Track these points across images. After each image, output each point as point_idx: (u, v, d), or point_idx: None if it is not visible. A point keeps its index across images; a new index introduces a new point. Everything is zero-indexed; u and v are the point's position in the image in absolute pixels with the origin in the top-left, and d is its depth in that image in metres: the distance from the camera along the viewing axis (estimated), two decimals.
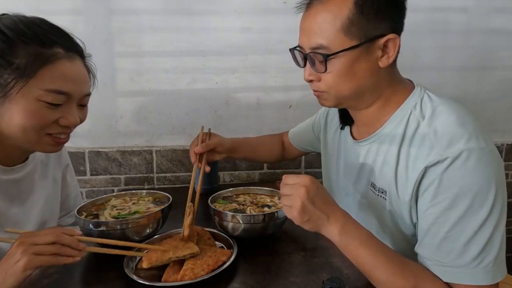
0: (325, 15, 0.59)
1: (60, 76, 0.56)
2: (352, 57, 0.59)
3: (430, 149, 0.57)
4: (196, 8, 1.19)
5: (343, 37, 0.58)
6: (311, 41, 0.61)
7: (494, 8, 1.34)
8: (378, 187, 0.67)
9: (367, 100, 0.66)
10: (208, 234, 0.72)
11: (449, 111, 0.59)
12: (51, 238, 0.53)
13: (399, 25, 0.62)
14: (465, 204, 0.54)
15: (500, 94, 1.41)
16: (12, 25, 0.55)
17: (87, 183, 1.22)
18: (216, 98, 1.27)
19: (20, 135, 0.57)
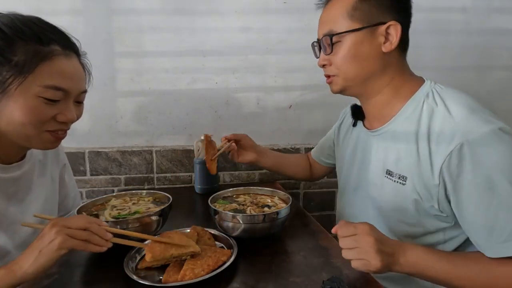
0: (335, 5, 0.68)
1: (58, 72, 0.57)
2: (356, 39, 0.66)
3: (452, 133, 0.59)
4: (196, 8, 1.20)
5: (348, 21, 0.66)
6: (323, 28, 0.70)
7: (493, 8, 1.34)
8: (396, 173, 0.68)
9: (374, 85, 0.70)
10: (208, 234, 0.72)
11: (464, 100, 0.63)
12: (83, 223, 0.55)
13: (403, 17, 0.67)
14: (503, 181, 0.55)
15: (500, 94, 1.41)
16: (10, 23, 0.56)
17: (87, 183, 1.23)
18: (216, 98, 1.27)
19: (19, 131, 0.57)
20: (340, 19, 0.67)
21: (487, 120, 0.58)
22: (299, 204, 1.33)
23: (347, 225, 0.59)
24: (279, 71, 1.27)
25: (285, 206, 0.76)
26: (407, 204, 0.67)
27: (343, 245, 0.58)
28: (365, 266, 0.56)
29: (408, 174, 0.66)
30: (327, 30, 0.69)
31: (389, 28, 0.65)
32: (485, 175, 0.56)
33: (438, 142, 0.61)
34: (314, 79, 1.29)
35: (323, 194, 1.39)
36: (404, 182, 0.67)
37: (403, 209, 0.68)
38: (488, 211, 0.56)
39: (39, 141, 0.60)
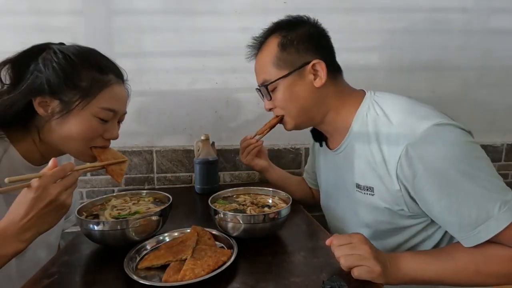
0: (262, 58, 0.78)
1: (113, 97, 0.69)
2: (288, 83, 0.74)
3: (396, 138, 0.63)
4: (196, 8, 1.20)
5: (276, 70, 0.74)
6: (259, 78, 0.79)
7: (494, 8, 1.34)
8: (363, 186, 0.72)
9: (319, 114, 0.77)
10: (208, 234, 0.72)
11: (399, 104, 0.68)
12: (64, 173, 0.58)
13: (323, 51, 0.75)
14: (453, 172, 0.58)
15: (500, 94, 1.41)
16: (77, 53, 0.65)
17: (87, 183, 1.23)
18: (216, 98, 1.27)
19: (70, 144, 0.67)
20: (269, 69, 0.75)
21: (423, 118, 0.62)
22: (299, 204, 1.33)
23: (342, 235, 0.62)
24: None
25: (285, 206, 0.76)
26: (380, 213, 0.71)
27: (340, 252, 0.59)
28: (369, 273, 0.56)
29: (373, 185, 0.70)
30: (261, 80, 0.77)
31: (314, 66, 0.72)
32: (435, 172, 0.60)
33: (388, 150, 0.65)
34: None
35: None
36: (372, 192, 0.71)
37: (378, 218, 0.72)
38: (450, 205, 0.59)
39: (83, 154, 0.70)
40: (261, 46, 0.79)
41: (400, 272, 0.59)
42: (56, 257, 0.68)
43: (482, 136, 1.43)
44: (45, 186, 0.54)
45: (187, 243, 0.67)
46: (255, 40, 0.81)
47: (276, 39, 0.74)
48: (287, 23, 0.76)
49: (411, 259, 0.61)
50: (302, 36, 0.73)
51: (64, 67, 0.63)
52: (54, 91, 0.63)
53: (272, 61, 0.74)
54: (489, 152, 1.43)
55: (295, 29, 0.74)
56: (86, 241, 0.71)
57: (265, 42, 0.77)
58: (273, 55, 0.74)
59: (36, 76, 0.63)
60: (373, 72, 1.32)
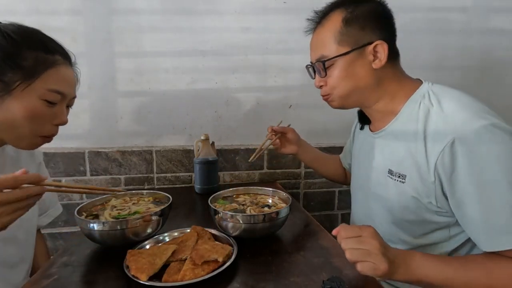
0: (323, 32, 0.73)
1: (60, 78, 0.65)
2: (347, 61, 0.71)
3: (444, 130, 0.61)
4: (196, 8, 1.20)
5: (337, 46, 0.71)
6: (315, 54, 0.75)
7: (494, 8, 1.34)
8: (396, 172, 0.71)
9: (371, 97, 0.74)
10: (208, 234, 0.72)
11: (457, 96, 0.66)
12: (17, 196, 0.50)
13: (387, 33, 0.72)
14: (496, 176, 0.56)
15: (500, 94, 1.41)
16: (18, 31, 0.61)
17: (87, 183, 1.22)
18: (216, 98, 1.27)
19: (13, 130, 0.62)
20: (329, 45, 0.71)
21: (479, 115, 0.59)
22: (299, 204, 1.33)
23: (351, 227, 0.58)
24: (279, 71, 1.27)
25: (285, 206, 0.76)
26: (407, 202, 0.69)
27: (347, 245, 0.56)
28: (373, 270, 0.54)
29: (407, 172, 0.68)
30: (318, 55, 0.73)
31: (376, 47, 0.69)
32: (477, 171, 0.57)
33: (432, 140, 0.63)
34: None
35: (323, 194, 1.39)
36: (404, 180, 0.69)
37: (404, 206, 0.70)
38: (482, 205, 0.58)
39: (28, 142, 0.65)
40: (321, 20, 0.74)
41: (409, 272, 0.57)
42: (56, 257, 0.68)
43: None
44: None
45: (187, 243, 0.67)
46: (316, 14, 0.76)
47: (340, 13, 0.70)
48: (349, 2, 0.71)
49: (423, 260, 0.59)
50: (369, 14, 0.70)
51: (3, 45, 0.59)
52: None
53: (334, 36, 0.70)
54: None
55: (361, 5, 0.70)
56: (86, 241, 0.71)
57: (327, 16, 0.73)
58: (335, 30, 0.70)
59: None
60: None
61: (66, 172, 1.20)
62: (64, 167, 1.20)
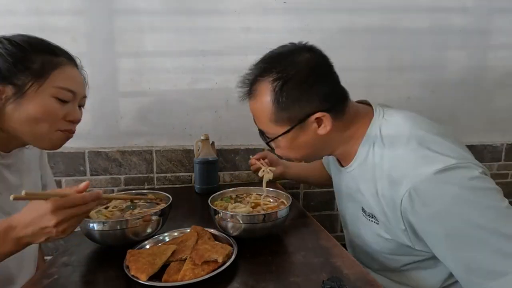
0: (256, 108, 0.68)
1: (68, 77, 0.68)
2: (290, 137, 0.67)
3: (400, 178, 0.59)
4: (196, 8, 1.20)
5: (275, 126, 0.67)
6: (258, 125, 0.72)
7: (494, 8, 1.34)
8: (369, 213, 0.69)
9: (326, 151, 0.74)
10: (208, 234, 0.72)
11: (407, 136, 0.62)
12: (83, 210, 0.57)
13: (326, 91, 0.65)
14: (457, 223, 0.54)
15: (500, 94, 1.41)
16: (25, 39, 0.66)
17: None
18: (216, 98, 1.27)
19: (32, 129, 0.65)
20: (267, 124, 0.67)
21: (429, 160, 0.57)
22: (299, 204, 1.33)
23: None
24: None
25: (285, 206, 0.76)
26: (384, 242, 0.68)
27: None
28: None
29: (378, 216, 0.66)
30: (261, 128, 0.71)
31: (318, 117, 0.64)
32: (440, 222, 0.55)
33: (392, 188, 0.61)
34: None
35: (323, 194, 1.39)
36: (377, 221, 0.67)
37: (382, 246, 0.69)
38: (457, 256, 0.56)
39: (49, 139, 0.68)
40: (251, 92, 0.68)
41: None
42: (56, 257, 0.68)
43: (482, 136, 1.43)
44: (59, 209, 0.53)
45: (187, 243, 0.67)
46: (244, 83, 0.70)
47: (268, 91, 0.64)
48: (279, 63, 0.64)
49: None
50: (299, 84, 0.63)
51: (12, 52, 0.63)
52: (5, 77, 0.62)
53: (268, 117, 0.66)
54: (489, 152, 1.43)
55: (289, 74, 0.63)
56: (86, 241, 0.71)
57: (256, 89, 0.67)
58: (269, 112, 0.65)
59: None
60: (373, 72, 1.32)
61: (66, 172, 1.21)
62: (64, 167, 1.20)
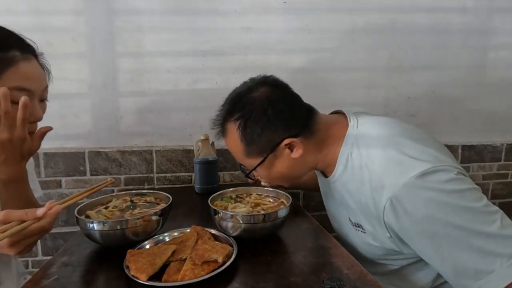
0: (230, 146, 0.74)
1: (22, 75, 0.61)
2: (266, 166, 0.71)
3: (380, 188, 0.60)
4: (196, 8, 1.20)
5: (250, 160, 0.71)
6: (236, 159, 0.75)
7: (494, 8, 1.34)
8: (355, 222, 0.70)
9: (308, 169, 0.75)
10: (208, 234, 0.72)
11: (384, 143, 0.63)
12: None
13: (292, 125, 0.68)
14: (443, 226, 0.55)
15: (500, 94, 1.41)
16: None
17: (87, 183, 1.22)
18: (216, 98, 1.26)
19: None
20: (242, 158, 0.72)
21: (406, 167, 0.58)
22: (299, 204, 1.33)
23: None
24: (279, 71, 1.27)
25: (285, 206, 0.76)
26: (373, 249, 0.69)
27: None
28: None
29: (364, 225, 0.67)
30: (240, 162, 0.75)
31: (287, 143, 0.67)
32: (423, 227, 0.56)
33: (374, 197, 0.61)
34: (313, 79, 1.29)
35: None
36: (364, 230, 0.68)
37: (372, 253, 0.70)
38: (444, 259, 0.57)
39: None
40: (223, 132, 0.73)
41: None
42: (56, 257, 0.68)
43: (482, 136, 1.43)
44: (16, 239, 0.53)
45: (187, 243, 0.67)
46: (215, 125, 0.75)
47: (235, 130, 0.68)
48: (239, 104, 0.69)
49: None
50: (260, 118, 0.66)
51: None
52: None
53: (241, 152, 0.71)
54: (489, 152, 1.43)
55: (249, 113, 0.67)
56: (86, 241, 0.71)
57: (225, 129, 0.72)
58: (240, 149, 0.70)
59: None
60: (373, 72, 1.32)
61: (66, 172, 1.21)
62: (64, 167, 1.20)
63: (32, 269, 1.24)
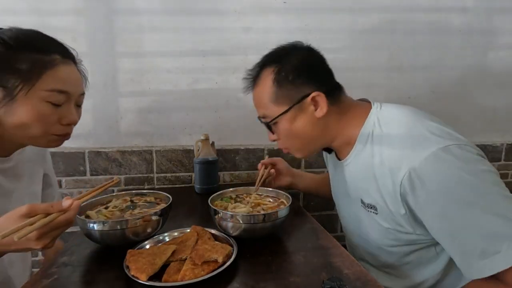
0: (259, 93, 0.75)
1: (61, 78, 0.64)
2: (289, 118, 0.72)
3: (399, 161, 0.61)
4: (196, 8, 1.20)
5: (275, 107, 0.72)
6: (258, 112, 0.78)
7: (494, 8, 1.34)
8: (368, 204, 0.70)
9: (325, 140, 0.75)
10: (208, 234, 0.72)
11: (405, 122, 0.65)
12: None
13: (321, 78, 0.72)
14: (452, 204, 0.55)
15: (500, 94, 1.41)
16: (14, 36, 0.61)
17: (87, 183, 1.22)
18: (216, 98, 1.27)
19: (26, 133, 0.63)
20: (268, 106, 0.73)
21: (426, 141, 0.60)
22: (299, 204, 1.33)
23: None
24: None
25: (285, 206, 0.76)
26: (384, 232, 0.69)
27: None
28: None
29: (377, 204, 0.68)
30: (261, 114, 0.76)
31: (314, 98, 0.69)
32: (438, 201, 0.57)
33: (391, 173, 0.63)
34: None
35: None
36: (376, 211, 0.69)
37: (382, 237, 0.70)
38: (454, 235, 0.57)
39: (46, 141, 0.66)
40: (255, 80, 0.76)
41: None
42: (56, 257, 0.68)
43: (482, 136, 1.43)
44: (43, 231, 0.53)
45: (187, 243, 0.67)
46: (249, 74, 0.78)
47: (270, 74, 0.72)
48: (279, 54, 0.73)
49: None
50: (297, 68, 0.70)
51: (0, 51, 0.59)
52: None
53: (269, 97, 0.72)
54: (489, 152, 1.43)
55: (288, 60, 0.71)
56: (86, 241, 0.71)
57: (259, 77, 0.75)
58: (269, 92, 0.72)
59: None
60: (373, 72, 1.32)
61: (66, 172, 1.21)
62: (64, 167, 1.20)
63: (32, 269, 1.24)
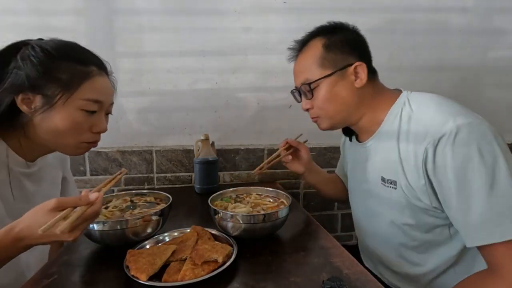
0: (305, 58, 0.79)
1: (97, 88, 0.68)
2: (330, 83, 0.75)
3: (425, 133, 0.65)
4: (196, 8, 1.20)
5: (319, 69, 0.76)
6: (300, 78, 0.80)
7: (494, 8, 1.34)
8: (388, 179, 0.74)
9: (356, 113, 0.78)
10: (208, 234, 0.72)
11: (435, 100, 0.70)
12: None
13: (364, 55, 0.77)
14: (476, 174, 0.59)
15: (500, 94, 1.41)
16: (56, 47, 0.64)
17: (87, 183, 1.22)
18: (216, 98, 1.27)
19: (58, 140, 0.66)
20: (312, 69, 0.76)
21: (457, 116, 0.63)
22: (299, 204, 1.33)
23: None
24: (279, 71, 1.27)
25: (285, 206, 0.76)
26: (401, 207, 0.72)
27: None
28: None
29: (397, 178, 0.71)
30: (303, 79, 0.78)
31: (356, 68, 0.74)
32: (457, 168, 0.61)
33: (416, 143, 0.67)
34: None
35: None
36: (395, 186, 0.72)
37: (399, 212, 0.73)
38: (460, 201, 0.61)
39: (75, 149, 0.69)
40: (302, 47, 0.81)
41: None
42: (56, 257, 0.68)
43: None
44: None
45: (187, 243, 0.67)
46: (296, 42, 0.83)
47: (320, 40, 0.77)
48: (330, 27, 0.79)
49: None
50: (345, 40, 0.76)
51: (43, 61, 0.62)
52: (35, 87, 0.62)
53: (316, 61, 0.76)
54: None
55: (337, 33, 0.77)
56: (86, 241, 0.71)
57: (308, 44, 0.80)
58: (317, 55, 0.76)
59: (16, 73, 0.61)
60: None
61: None
62: None
63: None
